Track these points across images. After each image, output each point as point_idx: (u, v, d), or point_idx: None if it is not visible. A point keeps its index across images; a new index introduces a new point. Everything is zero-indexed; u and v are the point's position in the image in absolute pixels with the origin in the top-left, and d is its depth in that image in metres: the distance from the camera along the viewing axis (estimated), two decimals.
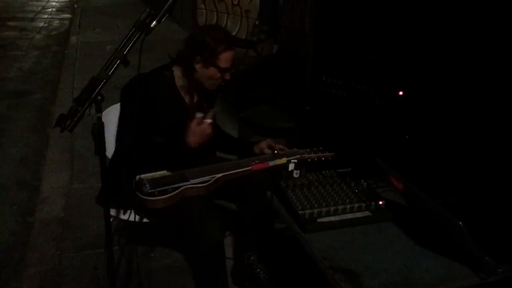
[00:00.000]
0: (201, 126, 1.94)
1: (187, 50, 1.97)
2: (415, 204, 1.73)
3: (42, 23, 9.76)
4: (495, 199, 1.79)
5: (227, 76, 2.01)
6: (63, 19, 10.31)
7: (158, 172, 1.91)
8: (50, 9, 11.65)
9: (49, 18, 10.47)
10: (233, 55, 1.99)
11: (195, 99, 2.09)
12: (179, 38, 2.04)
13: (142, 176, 1.86)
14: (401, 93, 2.48)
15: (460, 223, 1.38)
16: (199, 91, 2.08)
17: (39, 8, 11.69)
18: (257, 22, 6.99)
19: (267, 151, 2.13)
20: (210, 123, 1.95)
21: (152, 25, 1.57)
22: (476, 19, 2.14)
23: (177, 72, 2.04)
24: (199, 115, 1.99)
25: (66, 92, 5.17)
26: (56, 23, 9.89)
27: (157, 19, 1.58)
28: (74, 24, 9.22)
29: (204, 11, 7.93)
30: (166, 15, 1.62)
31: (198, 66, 1.97)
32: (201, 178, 1.90)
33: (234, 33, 7.56)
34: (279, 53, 6.54)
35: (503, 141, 1.98)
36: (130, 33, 1.56)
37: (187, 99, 2.07)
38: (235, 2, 7.48)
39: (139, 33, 1.57)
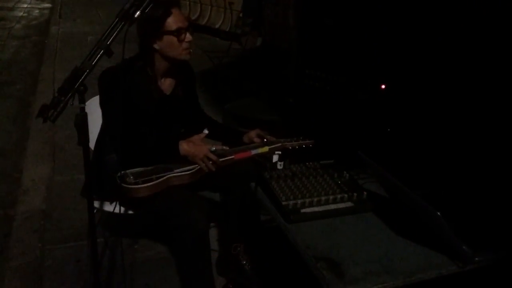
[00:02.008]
0: (203, 148, 1.91)
1: (139, 35, 1.91)
2: (396, 195, 1.77)
3: (22, 13, 9.55)
4: (473, 190, 1.84)
5: (188, 38, 1.91)
6: (43, 8, 10.11)
7: (142, 168, 1.91)
8: None
9: (29, 7, 10.25)
10: (178, 12, 1.90)
11: (171, 84, 2.07)
12: None
13: (127, 171, 1.86)
14: (383, 86, 2.52)
15: (438, 213, 1.42)
16: (173, 75, 2.05)
17: None
18: (240, 15, 6.97)
19: (257, 140, 2.12)
20: (210, 148, 1.92)
21: (136, 15, 1.56)
22: (456, 14, 2.18)
23: (147, 60, 1.99)
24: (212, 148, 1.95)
25: (46, 83, 5.09)
26: (36, 12, 9.69)
27: (141, 9, 1.57)
28: (54, 14, 9.05)
29: (188, 2, 7.87)
30: (151, 5, 1.61)
31: (155, 44, 1.90)
32: (185, 167, 1.90)
33: (217, 26, 7.53)
34: (263, 45, 6.54)
35: (482, 134, 2.04)
36: (114, 23, 1.55)
37: (162, 85, 2.04)
38: None
39: (122, 23, 1.56)
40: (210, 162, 1.91)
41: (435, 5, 2.27)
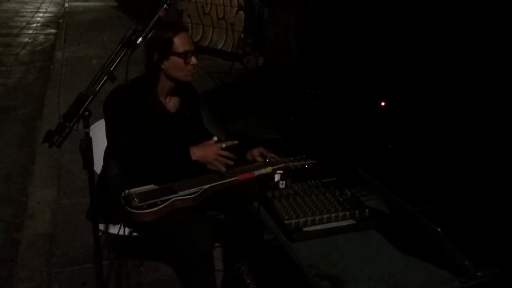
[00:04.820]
0: (213, 147, 2.00)
1: (146, 54, 1.98)
2: (397, 212, 1.78)
3: (27, 39, 9.73)
4: (474, 205, 1.85)
5: (193, 60, 1.99)
6: (48, 34, 10.30)
7: (146, 187, 1.94)
8: (35, 25, 11.62)
9: (34, 33, 10.44)
10: (186, 36, 1.98)
11: (176, 103, 2.12)
12: None
13: (131, 190, 1.88)
14: (383, 103, 2.55)
15: (439, 229, 1.42)
16: (177, 94, 2.11)
17: (24, 24, 11.65)
18: (242, 35, 7.07)
19: (259, 159, 2.16)
20: (220, 146, 2.01)
21: (138, 42, 1.62)
22: (455, 31, 2.22)
23: (152, 77, 2.05)
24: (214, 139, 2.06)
25: (52, 107, 5.16)
26: (41, 38, 9.87)
27: (142, 35, 1.63)
28: (59, 39, 9.22)
29: (190, 24, 8.00)
30: (152, 31, 1.66)
31: (161, 63, 1.97)
32: (189, 190, 1.92)
33: (219, 47, 7.64)
34: (264, 65, 6.61)
35: (482, 147, 2.05)
36: (117, 49, 1.60)
37: (168, 105, 2.10)
38: (220, 16, 7.56)
39: (125, 49, 1.61)
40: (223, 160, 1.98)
41: (433, 21, 2.31)
